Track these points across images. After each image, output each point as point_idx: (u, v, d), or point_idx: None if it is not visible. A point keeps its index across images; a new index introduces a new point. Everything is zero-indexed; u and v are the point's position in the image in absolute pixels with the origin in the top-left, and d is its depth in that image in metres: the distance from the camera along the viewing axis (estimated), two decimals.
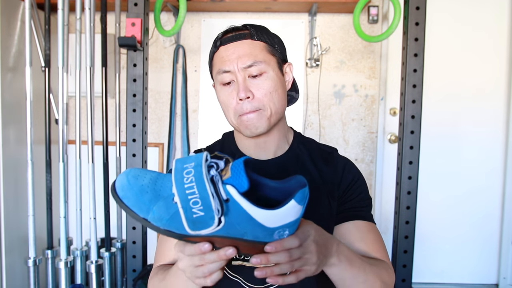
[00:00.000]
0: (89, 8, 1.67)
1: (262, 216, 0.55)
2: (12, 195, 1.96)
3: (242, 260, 0.84)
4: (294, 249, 0.59)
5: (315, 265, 0.62)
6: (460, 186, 2.38)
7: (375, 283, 0.75)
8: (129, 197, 0.57)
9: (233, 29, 0.86)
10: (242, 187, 0.54)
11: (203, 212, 0.53)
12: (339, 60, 2.38)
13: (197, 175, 0.54)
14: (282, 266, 0.58)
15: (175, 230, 0.57)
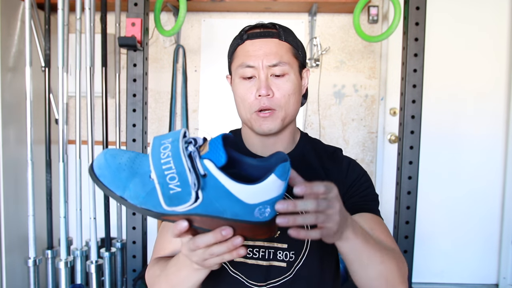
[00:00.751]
0: (89, 8, 1.68)
1: (241, 191, 0.53)
2: (12, 195, 1.96)
3: (244, 257, 0.84)
4: (320, 199, 0.56)
5: (337, 225, 0.58)
6: (460, 186, 2.38)
7: (392, 266, 0.71)
8: (106, 175, 0.56)
9: (261, 25, 0.86)
10: (220, 161, 0.52)
11: (180, 188, 0.52)
12: (339, 60, 2.38)
13: (174, 150, 0.52)
14: (305, 217, 0.55)
15: (152, 208, 0.55)
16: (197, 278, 0.69)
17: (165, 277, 0.74)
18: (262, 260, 0.84)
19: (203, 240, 0.56)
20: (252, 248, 0.84)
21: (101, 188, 0.56)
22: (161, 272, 0.76)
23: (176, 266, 0.71)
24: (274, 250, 0.84)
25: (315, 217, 0.55)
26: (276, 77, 0.82)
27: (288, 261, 0.84)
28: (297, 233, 0.55)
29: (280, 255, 0.84)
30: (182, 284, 0.71)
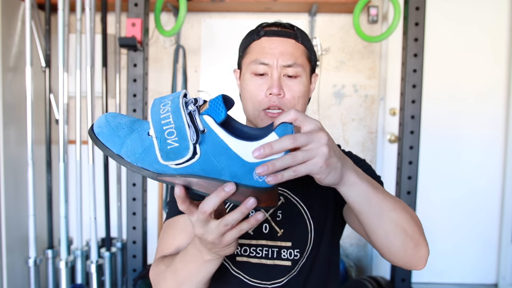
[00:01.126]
0: (89, 9, 1.68)
1: (240, 148, 0.52)
2: (13, 195, 1.97)
3: (247, 256, 0.84)
4: (299, 135, 0.51)
5: (323, 158, 0.52)
6: (460, 186, 2.38)
7: (406, 215, 0.66)
8: (105, 132, 0.55)
9: (279, 24, 0.85)
10: (219, 117, 0.52)
11: (178, 143, 0.51)
12: (339, 60, 2.39)
13: (173, 106, 0.52)
14: (284, 158, 0.51)
15: (148, 167, 0.54)
16: (206, 271, 0.67)
17: (172, 273, 0.71)
18: (266, 259, 0.84)
19: (208, 203, 0.53)
20: (255, 247, 0.84)
21: (99, 147, 0.55)
22: (167, 268, 0.73)
23: (184, 260, 0.69)
24: (278, 249, 0.84)
25: (292, 158, 0.51)
26: (288, 78, 0.82)
27: (292, 260, 0.84)
28: (274, 178, 0.51)
29: (284, 254, 0.84)
30: (190, 278, 0.68)
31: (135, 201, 1.55)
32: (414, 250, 0.67)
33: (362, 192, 0.60)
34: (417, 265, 0.71)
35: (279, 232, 0.85)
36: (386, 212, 0.63)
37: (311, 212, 0.86)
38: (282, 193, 0.87)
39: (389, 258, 0.70)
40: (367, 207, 0.62)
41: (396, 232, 0.64)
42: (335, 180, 0.56)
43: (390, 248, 0.67)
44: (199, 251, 0.64)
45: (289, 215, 0.86)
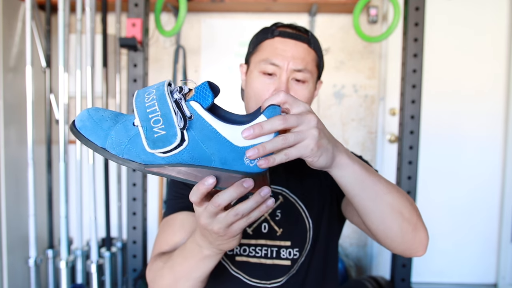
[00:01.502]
0: (89, 9, 1.68)
1: (229, 132, 0.50)
2: (13, 195, 1.97)
3: (246, 256, 0.84)
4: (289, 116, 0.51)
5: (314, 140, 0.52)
6: (459, 186, 2.38)
7: (401, 198, 0.64)
8: (87, 126, 0.53)
9: (294, 27, 0.85)
10: (207, 102, 0.50)
11: (164, 131, 0.49)
12: (339, 60, 2.39)
13: (158, 93, 0.50)
14: (274, 140, 0.50)
15: (134, 158, 0.51)
16: (205, 267, 0.65)
17: (170, 269, 0.69)
18: (265, 258, 0.84)
19: (224, 197, 0.51)
20: (254, 246, 0.84)
21: (82, 141, 0.53)
22: (164, 264, 0.71)
23: (183, 255, 0.67)
24: (278, 248, 0.84)
25: (283, 139, 0.50)
26: (296, 82, 0.81)
27: (292, 259, 0.84)
28: (266, 161, 0.50)
29: (283, 253, 0.84)
30: (189, 275, 0.66)
31: (135, 201, 1.55)
32: (413, 234, 0.66)
33: (355, 174, 0.59)
34: (417, 251, 0.70)
35: (278, 232, 0.85)
36: (381, 195, 0.62)
37: (309, 210, 0.87)
38: (280, 192, 0.87)
39: (387, 245, 0.68)
40: (360, 190, 0.60)
41: (392, 215, 0.63)
42: (326, 162, 0.55)
43: (388, 233, 0.65)
44: (199, 246, 0.62)
45: (288, 214, 0.86)
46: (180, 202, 0.84)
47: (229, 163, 0.51)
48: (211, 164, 0.51)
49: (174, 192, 0.87)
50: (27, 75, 1.70)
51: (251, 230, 0.85)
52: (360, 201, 0.62)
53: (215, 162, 0.51)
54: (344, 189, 0.61)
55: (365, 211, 0.63)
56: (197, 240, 0.62)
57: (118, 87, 2.04)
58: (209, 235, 0.57)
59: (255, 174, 0.52)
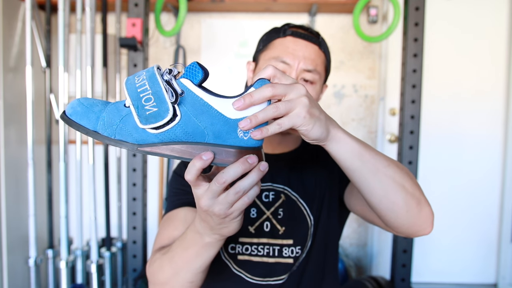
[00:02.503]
0: (89, 9, 1.68)
1: (221, 104, 0.50)
2: (13, 195, 1.97)
3: (249, 255, 0.84)
4: (278, 84, 0.51)
5: (305, 108, 0.51)
6: (459, 186, 2.38)
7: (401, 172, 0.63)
8: (78, 111, 0.52)
9: (306, 28, 0.86)
10: (197, 78, 0.50)
11: (156, 108, 0.49)
12: (339, 60, 2.39)
13: (148, 74, 0.50)
14: (266, 110, 0.50)
15: (127, 138, 0.51)
16: (206, 256, 0.64)
17: (169, 260, 0.68)
18: (267, 257, 0.84)
19: (229, 173, 0.49)
20: (257, 245, 0.85)
21: (73, 126, 0.52)
22: (163, 255, 0.70)
23: (183, 245, 0.66)
24: (280, 247, 0.85)
25: (274, 107, 0.50)
26: (304, 82, 0.82)
27: (294, 257, 0.85)
28: (260, 132, 0.50)
29: (286, 252, 0.85)
30: (188, 265, 0.65)
31: (135, 201, 1.55)
32: (418, 209, 0.64)
33: (352, 148, 0.58)
34: (423, 228, 0.68)
35: (281, 230, 0.86)
36: (381, 168, 0.61)
37: (310, 208, 0.87)
38: (282, 190, 0.88)
39: (393, 222, 0.66)
40: (360, 164, 0.59)
41: (395, 188, 0.62)
42: (322, 133, 0.54)
43: (393, 207, 0.63)
44: (199, 234, 0.61)
45: (290, 213, 0.87)
46: (180, 198, 0.84)
47: (223, 137, 0.51)
48: (204, 140, 0.51)
49: (174, 189, 0.87)
50: (27, 75, 1.70)
51: (253, 228, 0.85)
52: (361, 176, 0.61)
53: (209, 136, 0.51)
54: (343, 164, 0.60)
55: (367, 186, 0.62)
56: (197, 227, 0.61)
57: (118, 87, 2.04)
58: (210, 219, 0.56)
59: (250, 148, 0.52)
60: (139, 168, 1.54)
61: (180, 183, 0.87)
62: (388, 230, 0.72)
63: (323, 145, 0.58)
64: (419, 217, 0.65)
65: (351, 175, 0.62)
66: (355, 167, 0.60)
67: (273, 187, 0.88)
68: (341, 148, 0.58)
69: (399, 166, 0.64)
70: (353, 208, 0.87)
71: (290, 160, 0.90)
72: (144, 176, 1.57)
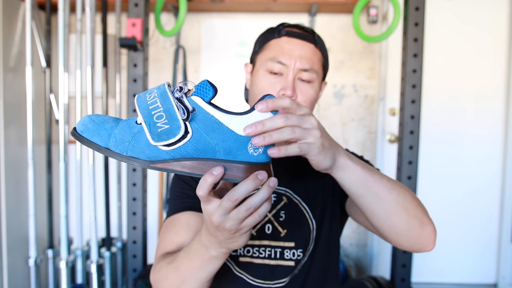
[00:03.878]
0: (89, 9, 1.68)
1: (232, 122, 0.51)
2: (13, 194, 1.97)
3: (250, 257, 0.84)
4: (291, 115, 0.53)
5: (319, 140, 0.54)
6: (460, 186, 2.38)
7: (405, 193, 0.65)
8: (90, 128, 0.53)
9: (301, 27, 0.86)
10: (208, 96, 0.51)
11: (168, 125, 0.50)
12: (339, 60, 2.39)
13: (160, 91, 0.52)
14: (282, 131, 0.52)
15: (139, 155, 0.52)
16: (211, 268, 0.64)
17: (175, 270, 0.68)
18: (269, 259, 0.84)
19: (241, 191, 0.50)
20: (258, 247, 0.84)
21: (85, 144, 0.53)
22: (168, 265, 0.70)
23: (188, 256, 0.65)
24: (281, 249, 0.84)
25: (291, 130, 0.52)
26: (301, 81, 0.82)
27: (296, 260, 0.85)
28: (278, 151, 0.52)
29: (287, 254, 0.84)
30: (195, 276, 0.65)
31: (135, 201, 1.55)
32: (420, 229, 0.66)
33: (357, 175, 0.60)
34: (425, 246, 0.69)
35: (282, 233, 0.85)
36: (385, 192, 0.62)
37: (312, 211, 0.87)
38: (284, 193, 0.87)
39: (395, 241, 0.68)
40: (365, 189, 0.61)
41: (398, 211, 0.63)
42: (329, 162, 0.57)
43: (395, 229, 0.65)
44: (206, 247, 0.61)
45: (291, 215, 0.86)
46: (183, 202, 0.84)
47: (234, 153, 0.52)
48: (215, 156, 0.52)
49: (177, 192, 0.87)
50: (27, 75, 1.70)
51: (255, 231, 0.85)
52: (365, 201, 0.62)
53: (220, 153, 0.52)
54: (348, 190, 0.62)
55: (370, 210, 0.63)
56: (204, 241, 0.61)
57: (118, 87, 2.04)
58: (220, 234, 0.56)
59: (260, 164, 0.53)
60: (139, 168, 1.54)
61: (182, 186, 0.87)
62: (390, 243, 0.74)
63: (329, 173, 0.60)
64: (421, 236, 0.67)
65: (355, 200, 0.63)
66: (360, 193, 0.62)
67: (275, 190, 0.87)
68: (347, 175, 0.60)
69: (402, 188, 0.66)
70: (355, 218, 0.88)
71: (292, 163, 0.90)
72: (144, 176, 1.57)
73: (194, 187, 0.85)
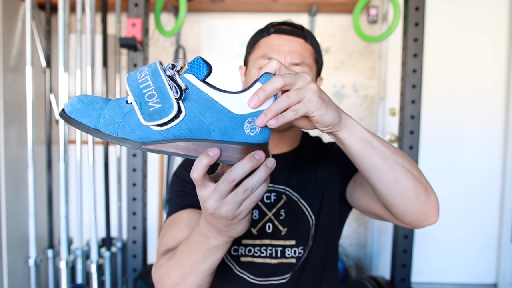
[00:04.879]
0: (89, 9, 1.68)
1: (227, 100, 0.49)
2: (13, 194, 1.97)
3: (251, 256, 0.84)
4: (285, 73, 0.52)
5: (316, 94, 0.52)
6: (459, 186, 2.38)
7: (407, 159, 0.64)
8: (78, 109, 0.50)
9: (290, 24, 0.86)
10: (201, 74, 0.49)
11: (160, 104, 0.47)
12: (339, 60, 2.39)
13: (151, 69, 0.49)
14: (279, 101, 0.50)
15: (130, 136, 0.49)
16: (213, 259, 0.62)
17: (175, 264, 0.66)
18: (270, 258, 0.85)
19: (237, 171, 0.48)
20: (259, 247, 0.85)
21: (73, 125, 0.51)
22: (168, 260, 0.68)
23: (189, 249, 0.64)
24: (282, 248, 0.85)
25: (286, 97, 0.50)
26: None
27: (297, 257, 0.85)
28: (276, 120, 0.49)
29: (288, 252, 0.85)
30: (196, 269, 0.63)
31: (135, 201, 1.55)
32: (426, 196, 0.65)
33: (362, 133, 0.59)
34: (430, 216, 0.68)
35: (283, 231, 0.86)
36: (390, 153, 0.61)
37: (311, 207, 0.88)
38: (283, 191, 0.88)
39: (402, 211, 0.66)
40: (371, 149, 0.60)
41: (405, 174, 0.62)
42: (334, 117, 0.54)
43: (403, 194, 0.63)
44: (206, 237, 0.60)
45: (291, 214, 0.87)
46: (183, 200, 0.83)
47: (229, 133, 0.50)
48: (210, 137, 0.50)
49: (175, 191, 0.87)
50: (27, 75, 1.70)
51: (256, 230, 0.85)
52: (372, 162, 0.61)
53: (215, 133, 0.49)
54: (355, 150, 0.60)
55: (378, 172, 0.61)
56: (203, 231, 0.59)
57: (118, 87, 2.04)
58: (217, 221, 0.54)
59: (257, 144, 0.51)
60: (139, 168, 1.54)
61: (181, 185, 0.87)
62: (393, 221, 0.72)
63: (335, 133, 0.58)
64: (428, 203, 0.65)
65: (362, 162, 0.61)
66: (366, 153, 0.60)
67: (274, 188, 0.88)
68: (352, 133, 0.58)
69: (404, 154, 0.65)
70: (357, 203, 0.85)
71: (290, 160, 0.90)
72: (144, 176, 1.57)
73: (193, 185, 0.85)
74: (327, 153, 0.92)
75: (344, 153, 0.89)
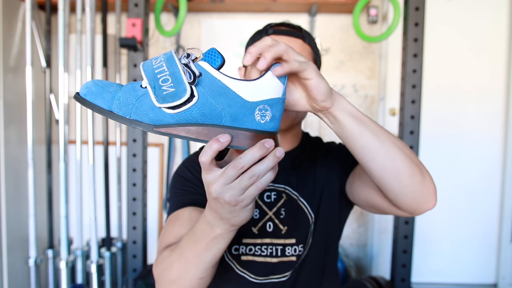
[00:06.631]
0: (89, 9, 1.68)
1: (239, 87, 0.51)
2: (13, 195, 1.97)
3: (252, 255, 0.85)
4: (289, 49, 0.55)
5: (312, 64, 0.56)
6: (459, 186, 2.38)
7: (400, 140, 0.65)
8: (93, 91, 0.52)
9: (288, 24, 0.87)
10: (216, 63, 0.51)
11: (173, 88, 0.49)
12: (339, 60, 2.39)
13: (166, 56, 0.51)
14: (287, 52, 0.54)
15: (143, 118, 0.50)
16: (217, 249, 0.62)
17: (178, 256, 0.66)
18: (271, 257, 0.85)
19: (247, 158, 0.49)
20: (260, 246, 0.85)
21: (88, 106, 0.52)
22: (171, 252, 0.67)
23: (192, 239, 0.63)
24: (283, 246, 0.85)
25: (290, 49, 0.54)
26: None
27: (297, 255, 0.86)
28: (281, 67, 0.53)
29: (289, 251, 0.86)
30: (199, 259, 0.63)
31: (135, 201, 1.55)
32: (421, 177, 0.65)
33: (354, 111, 0.61)
34: (427, 200, 0.67)
35: (283, 230, 0.86)
36: (382, 131, 0.63)
37: (311, 206, 0.88)
38: (283, 190, 0.88)
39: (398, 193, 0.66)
40: (364, 127, 0.61)
41: (397, 152, 0.63)
42: (329, 89, 0.58)
43: (397, 173, 0.63)
44: (210, 225, 0.59)
45: (291, 212, 0.87)
46: (183, 198, 0.83)
47: (240, 120, 0.51)
48: (221, 122, 0.51)
49: (176, 190, 0.87)
50: (27, 75, 1.70)
51: (257, 229, 0.86)
52: (365, 140, 0.61)
53: (226, 119, 0.51)
54: (348, 128, 0.61)
55: (371, 149, 0.62)
56: (207, 218, 0.59)
57: None
58: (220, 207, 0.54)
59: (267, 132, 0.52)
60: (139, 168, 1.54)
61: (183, 184, 0.87)
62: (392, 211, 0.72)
63: (328, 110, 0.60)
64: (423, 184, 0.65)
65: (355, 140, 0.62)
66: (359, 130, 0.61)
67: (274, 187, 0.88)
68: (344, 111, 0.60)
69: (396, 136, 0.66)
70: (357, 197, 0.85)
71: (290, 159, 0.91)
72: (144, 176, 1.57)
73: (195, 183, 0.85)
74: (326, 152, 0.93)
75: (343, 150, 0.90)
